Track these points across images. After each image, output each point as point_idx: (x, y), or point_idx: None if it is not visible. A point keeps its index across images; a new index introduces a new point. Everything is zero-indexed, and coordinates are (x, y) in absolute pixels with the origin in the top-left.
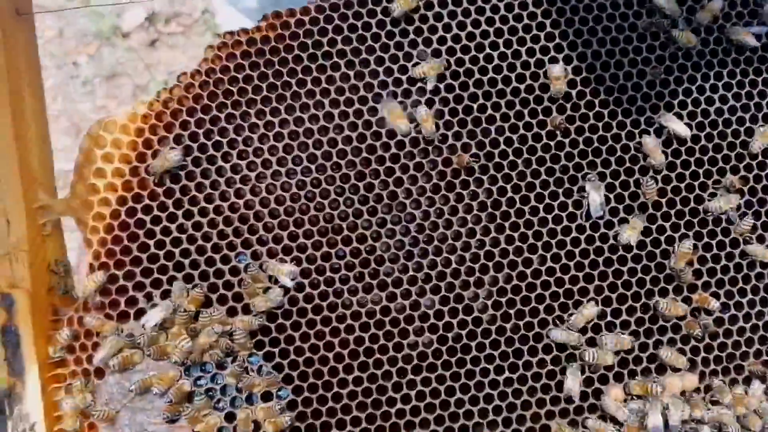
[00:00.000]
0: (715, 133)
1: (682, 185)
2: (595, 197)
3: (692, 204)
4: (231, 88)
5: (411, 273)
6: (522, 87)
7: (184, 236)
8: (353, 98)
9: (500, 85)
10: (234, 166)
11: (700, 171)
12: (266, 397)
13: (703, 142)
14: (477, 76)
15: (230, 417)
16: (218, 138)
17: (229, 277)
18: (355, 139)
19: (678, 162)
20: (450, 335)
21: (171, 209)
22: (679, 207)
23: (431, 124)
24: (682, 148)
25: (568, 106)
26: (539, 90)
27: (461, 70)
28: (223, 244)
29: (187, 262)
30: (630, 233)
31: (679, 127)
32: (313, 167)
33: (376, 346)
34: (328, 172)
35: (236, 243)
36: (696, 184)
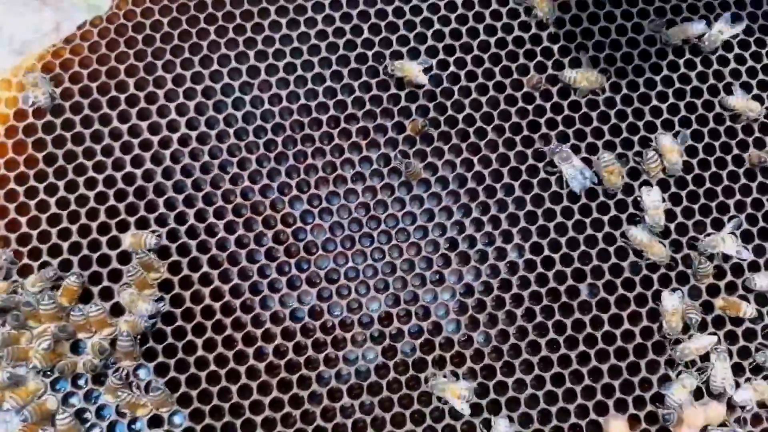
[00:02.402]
0: None
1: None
2: (570, 171)
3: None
4: (135, 35)
5: (351, 265)
6: (492, 41)
7: (64, 213)
8: (284, 50)
9: (465, 38)
10: (133, 128)
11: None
12: (155, 422)
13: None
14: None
15: None
16: (115, 93)
17: (116, 265)
18: (284, 98)
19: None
20: (399, 346)
21: (51, 179)
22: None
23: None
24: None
25: (549, 63)
26: (513, 44)
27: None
28: (113, 224)
29: (65, 245)
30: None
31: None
32: (231, 132)
33: (302, 359)
34: (250, 138)
35: (129, 222)
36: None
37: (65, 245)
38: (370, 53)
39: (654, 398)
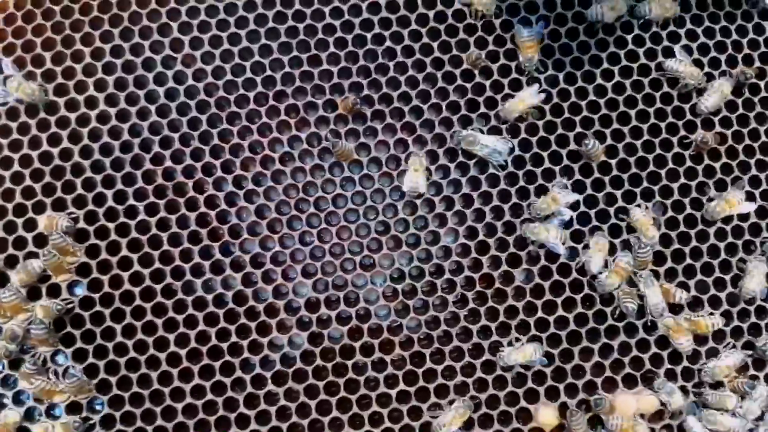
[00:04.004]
0: None
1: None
2: (484, 151)
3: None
4: (52, 6)
5: (279, 249)
6: (431, 14)
7: None
8: (210, 22)
9: (403, 11)
10: (50, 105)
11: None
12: (73, 408)
13: None
14: None
15: None
16: (31, 68)
17: (33, 248)
18: (210, 73)
19: None
20: (327, 332)
21: None
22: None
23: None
24: None
25: (490, 38)
26: (453, 18)
27: None
28: (29, 205)
29: None
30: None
31: None
32: (153, 109)
33: (225, 345)
34: (174, 115)
35: (46, 203)
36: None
37: None
38: (301, 26)
39: (586, 386)
